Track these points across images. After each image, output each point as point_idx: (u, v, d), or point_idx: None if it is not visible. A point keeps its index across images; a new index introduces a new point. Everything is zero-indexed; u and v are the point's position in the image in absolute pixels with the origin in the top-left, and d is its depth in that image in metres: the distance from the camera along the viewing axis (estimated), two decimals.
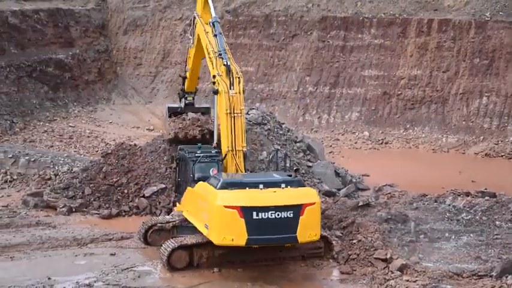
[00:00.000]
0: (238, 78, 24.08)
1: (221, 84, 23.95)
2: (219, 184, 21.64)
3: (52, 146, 45.87)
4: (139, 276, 21.88)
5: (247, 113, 41.11)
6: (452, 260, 24.40)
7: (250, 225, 20.84)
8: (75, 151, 44.45)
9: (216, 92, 24.18)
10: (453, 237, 27.49)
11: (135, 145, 33.68)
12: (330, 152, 47.72)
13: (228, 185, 21.51)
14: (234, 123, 23.51)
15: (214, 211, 21.23)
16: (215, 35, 25.89)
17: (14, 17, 58.04)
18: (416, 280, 21.85)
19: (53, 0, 64.71)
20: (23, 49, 57.89)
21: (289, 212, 20.97)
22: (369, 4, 60.33)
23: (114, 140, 47.51)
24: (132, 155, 32.01)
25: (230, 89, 23.81)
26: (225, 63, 24.38)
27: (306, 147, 37.39)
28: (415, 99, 55.91)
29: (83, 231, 26.71)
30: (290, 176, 22.56)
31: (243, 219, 20.78)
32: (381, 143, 52.71)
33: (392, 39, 58.17)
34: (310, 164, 35.72)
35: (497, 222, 29.25)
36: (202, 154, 24.55)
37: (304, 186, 22.04)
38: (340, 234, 25.64)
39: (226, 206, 20.93)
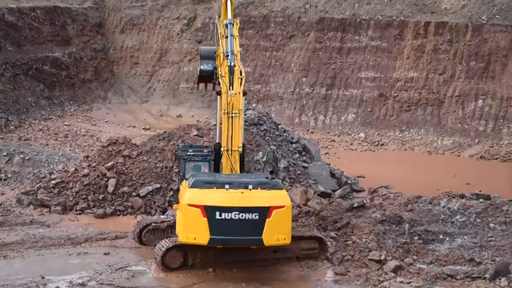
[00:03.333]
0: (241, 79, 24.00)
1: (222, 85, 23.98)
2: (191, 183, 21.81)
3: (47, 145, 45.83)
4: (133, 276, 21.84)
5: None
6: (446, 261, 24.43)
7: (213, 225, 20.83)
8: (70, 150, 44.38)
9: (218, 93, 24.20)
10: (447, 239, 27.55)
11: (134, 144, 33.52)
12: (326, 153, 47.74)
13: (198, 184, 21.54)
14: (232, 124, 23.47)
15: (180, 209, 21.66)
16: (226, 37, 25.89)
17: (11, 15, 57.98)
18: (410, 282, 21.88)
19: None
20: (19, 47, 57.85)
21: (254, 214, 20.77)
22: (366, 6, 60.42)
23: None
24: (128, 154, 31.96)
25: (230, 89, 23.77)
26: (229, 63, 24.36)
27: (302, 148, 37.41)
28: (411, 101, 55.96)
29: (77, 230, 26.67)
30: (267, 177, 22.30)
31: (205, 219, 20.85)
32: (377, 145, 52.76)
33: (389, 41, 58.25)
34: (306, 164, 35.75)
35: (491, 225, 29.34)
36: (193, 153, 24.51)
37: (281, 188, 21.60)
38: (335, 235, 25.65)
39: (190, 205, 21.11)
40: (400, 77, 56.98)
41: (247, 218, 20.79)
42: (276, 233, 20.99)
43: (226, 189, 21.31)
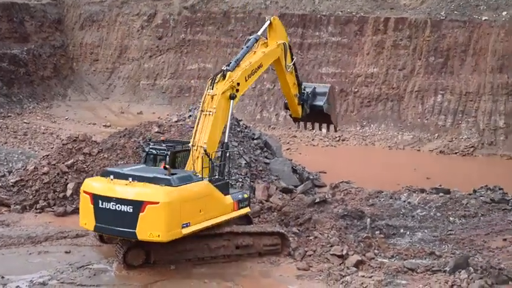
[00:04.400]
0: (230, 83, 24.31)
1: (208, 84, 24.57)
2: (102, 172, 22.88)
3: (6, 143, 45.22)
4: (94, 274, 21.68)
5: None
6: (407, 255, 24.71)
7: (97, 212, 21.60)
8: (29, 148, 43.86)
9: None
10: (408, 233, 27.86)
11: (94, 141, 33.21)
12: (287, 149, 47.88)
13: (104, 173, 22.48)
14: (204, 121, 23.79)
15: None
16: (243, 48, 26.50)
17: None
18: (372, 276, 22.04)
19: None
20: None
21: (128, 207, 20.99)
22: (327, 2, 60.68)
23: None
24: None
25: (210, 88, 24.20)
26: (225, 67, 24.90)
27: (264, 144, 37.44)
28: (371, 96, 56.41)
29: (37, 229, 26.34)
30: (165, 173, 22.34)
31: (92, 206, 21.68)
32: (338, 140, 53.04)
33: (349, 37, 58.61)
34: (268, 161, 35.78)
35: (451, 218, 29.78)
36: (151, 148, 24.46)
37: (172, 185, 21.40)
38: (297, 231, 25.74)
39: (84, 191, 22.22)
40: (360, 73, 57.39)
41: (122, 209, 21.09)
42: (150, 228, 20.90)
43: (111, 179, 21.77)
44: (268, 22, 27.65)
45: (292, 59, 28.65)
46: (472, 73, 54.17)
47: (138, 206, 20.84)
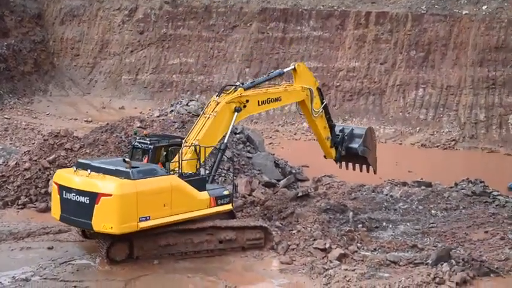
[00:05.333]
0: (238, 97, 24.99)
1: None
2: (75, 164, 23.10)
3: None
4: (77, 270, 21.58)
5: (186, 105, 41.13)
6: (390, 248, 24.81)
7: (62, 203, 21.97)
8: (10, 143, 43.55)
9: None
10: (390, 226, 27.98)
11: (76, 137, 33.05)
12: (270, 143, 47.92)
13: (76, 165, 22.60)
14: (203, 123, 24.34)
15: None
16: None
17: None
18: (355, 269, 22.13)
19: None
20: None
21: (85, 198, 21.18)
22: None
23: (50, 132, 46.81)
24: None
25: (218, 96, 24.99)
26: (242, 83, 26.17)
27: (246, 139, 37.47)
28: (353, 90, 56.60)
29: (19, 225, 26.18)
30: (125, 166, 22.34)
31: (58, 196, 22.09)
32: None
33: (330, 31, 58.76)
34: (250, 155, 35.81)
35: (432, 211, 29.93)
36: (137, 142, 24.48)
37: (130, 178, 21.31)
38: (280, 225, 25.80)
39: (54, 182, 22.62)
40: (342, 67, 57.55)
41: (80, 200, 21.30)
42: (104, 220, 21.01)
43: (74, 170, 22.11)
44: (292, 67, 27.79)
45: (322, 103, 28.70)
46: (453, 67, 54.52)
47: (94, 197, 20.99)
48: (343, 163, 30.85)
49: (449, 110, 53.38)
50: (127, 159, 22.30)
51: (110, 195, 20.87)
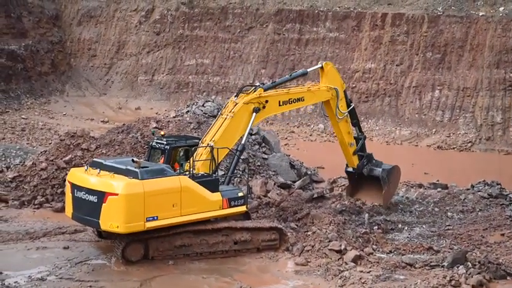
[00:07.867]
0: (257, 98, 24.79)
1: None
2: (90, 163, 23.30)
3: (4, 139, 45.16)
4: (93, 270, 21.65)
5: (202, 105, 41.15)
6: (405, 250, 24.71)
7: (74, 201, 22.25)
8: (27, 143, 43.82)
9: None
10: (406, 228, 27.89)
11: (92, 137, 33.18)
12: (285, 144, 47.89)
13: (92, 165, 22.73)
14: (221, 123, 24.32)
15: None
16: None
17: None
18: (370, 271, 22.07)
19: None
20: None
21: (94, 197, 21.38)
22: None
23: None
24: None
25: (236, 96, 24.92)
26: (261, 83, 25.94)
27: (262, 140, 37.43)
28: (369, 92, 56.46)
29: (35, 225, 26.31)
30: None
31: (71, 195, 22.37)
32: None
33: (346, 32, 58.66)
34: (266, 156, 35.76)
35: (448, 213, 29.79)
36: (155, 142, 24.52)
37: (137, 178, 21.35)
38: (295, 226, 25.77)
39: (68, 181, 22.88)
40: (358, 68, 57.44)
41: (89, 199, 21.53)
42: (111, 219, 21.16)
43: (86, 169, 22.33)
44: (319, 65, 27.63)
45: (348, 106, 28.71)
46: (470, 68, 54.27)
47: (102, 196, 21.16)
48: (356, 180, 30.84)
49: (465, 112, 53.14)
50: (135, 159, 22.31)
51: (117, 194, 21.01)
